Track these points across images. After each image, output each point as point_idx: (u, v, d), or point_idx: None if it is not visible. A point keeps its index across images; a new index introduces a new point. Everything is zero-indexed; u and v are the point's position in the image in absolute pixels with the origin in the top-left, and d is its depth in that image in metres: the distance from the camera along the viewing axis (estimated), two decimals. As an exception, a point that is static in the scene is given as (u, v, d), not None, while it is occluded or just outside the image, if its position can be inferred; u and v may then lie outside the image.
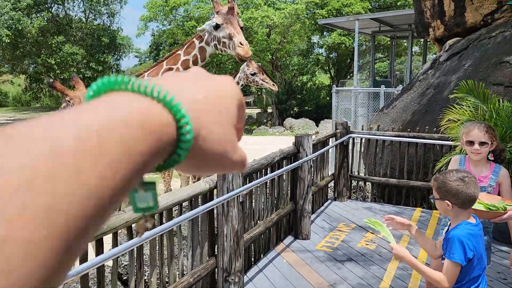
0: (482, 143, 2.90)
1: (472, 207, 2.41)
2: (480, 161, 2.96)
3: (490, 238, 3.03)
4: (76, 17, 35.34)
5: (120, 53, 36.60)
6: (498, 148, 2.97)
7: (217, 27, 4.02)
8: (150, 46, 52.77)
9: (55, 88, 3.10)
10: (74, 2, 33.95)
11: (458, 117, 5.54)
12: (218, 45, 4.12)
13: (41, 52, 31.06)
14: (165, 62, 4.29)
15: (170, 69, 4.25)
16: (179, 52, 4.31)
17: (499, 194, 2.89)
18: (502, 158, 2.99)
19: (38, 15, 31.24)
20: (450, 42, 9.16)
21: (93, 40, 33.87)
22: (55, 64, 30.78)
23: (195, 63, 4.28)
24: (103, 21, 35.67)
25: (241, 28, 4.07)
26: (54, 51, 30.93)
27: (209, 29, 4.11)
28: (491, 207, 2.53)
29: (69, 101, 3.12)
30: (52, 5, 33.17)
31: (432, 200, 2.41)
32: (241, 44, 3.96)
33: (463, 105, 5.57)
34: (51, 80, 3.06)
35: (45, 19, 31.46)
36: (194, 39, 4.38)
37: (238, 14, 4.14)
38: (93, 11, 34.53)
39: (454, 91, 5.75)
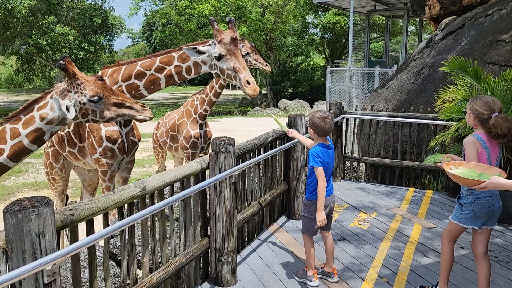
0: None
1: (456, 174, 2.76)
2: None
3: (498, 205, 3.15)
4: (67, -4, 34.55)
5: (113, 34, 35.98)
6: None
7: (219, 57, 3.89)
8: (143, 27, 52.05)
9: (65, 71, 2.95)
10: (64, -19, 33.13)
11: (452, 97, 5.51)
12: (221, 75, 3.97)
13: (32, 33, 30.43)
14: (158, 58, 4.15)
15: (163, 68, 4.12)
16: (173, 54, 4.14)
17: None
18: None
19: (28, -6, 30.47)
20: (445, 20, 9.06)
21: (85, 20, 33.22)
22: (47, 45, 30.22)
23: (188, 72, 4.13)
24: (94, 1, 34.95)
25: (243, 56, 3.94)
26: (45, 31, 30.31)
27: (208, 54, 3.97)
28: (478, 177, 2.69)
29: (78, 85, 2.98)
30: (42, -16, 32.34)
31: (306, 126, 3.96)
32: (248, 83, 3.83)
33: (457, 85, 5.54)
34: (62, 62, 2.93)
35: (35, -2, 30.71)
36: None
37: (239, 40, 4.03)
38: (84, -10, 33.79)
39: (443, 62, 5.70)
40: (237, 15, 27.86)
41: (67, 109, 3.04)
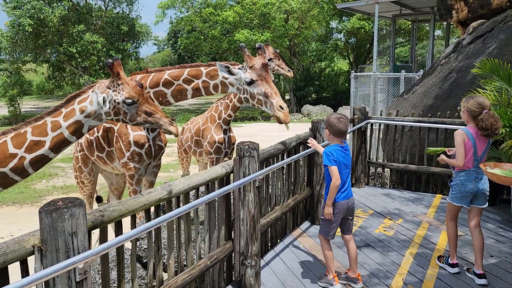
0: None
1: (493, 172, 3.30)
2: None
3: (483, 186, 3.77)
4: (96, 5, 35.64)
5: (139, 41, 36.83)
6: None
7: (251, 82, 3.94)
8: (168, 34, 52.96)
9: (111, 69, 3.16)
10: (93, -9, 34.22)
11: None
12: (250, 100, 4.02)
13: (63, 41, 31.52)
14: (187, 70, 4.24)
15: (191, 81, 4.23)
16: (202, 69, 4.22)
17: None
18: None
19: (59, 4, 31.60)
20: (474, 24, 8.86)
21: (113, 28, 34.16)
22: (76, 53, 31.22)
23: (215, 89, 4.23)
24: (122, 9, 35.91)
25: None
26: (75, 39, 31.35)
27: (237, 77, 4.04)
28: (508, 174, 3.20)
29: (118, 84, 3.17)
30: (73, -6, 33.50)
31: (322, 130, 4.58)
32: (281, 108, 3.92)
33: (486, 90, 5.41)
34: (111, 61, 3.16)
35: (66, 8, 31.83)
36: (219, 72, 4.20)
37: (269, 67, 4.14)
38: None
39: (475, 63, 5.58)
40: (260, 21, 28.05)
41: (103, 101, 3.22)
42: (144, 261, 4.62)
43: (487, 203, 3.81)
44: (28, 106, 37.51)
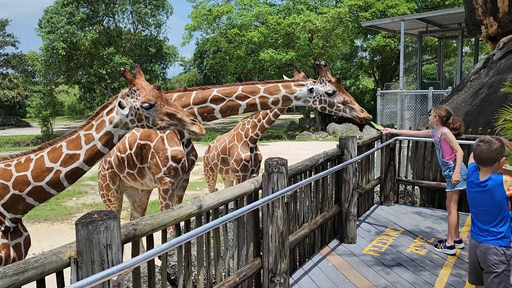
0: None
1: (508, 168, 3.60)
2: (435, 126, 4.99)
3: None
4: (126, 28, 36.96)
5: (166, 62, 37.81)
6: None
7: (333, 93, 4.56)
8: (194, 55, 54.19)
9: (124, 77, 3.33)
10: (124, 15, 35.56)
11: (515, 117, 5.23)
12: (328, 108, 4.60)
13: (94, 63, 32.72)
14: (240, 87, 4.45)
15: (246, 97, 4.45)
16: (259, 86, 4.49)
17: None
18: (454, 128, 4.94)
19: (91, 28, 32.99)
20: (504, 39, 8.68)
21: (141, 50, 35.25)
22: (106, 74, 32.30)
23: (274, 103, 4.51)
24: (150, 32, 37.08)
25: None
26: (105, 61, 32.49)
27: (315, 92, 4.52)
28: None
29: (135, 91, 3.29)
30: (104, 18, 34.93)
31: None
32: (363, 110, 4.61)
33: (520, 105, 5.26)
34: (123, 69, 3.33)
35: (97, 31, 33.17)
36: (279, 85, 4.49)
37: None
38: (141, 23, 35.99)
39: (504, 83, 5.47)
40: (285, 41, 28.34)
41: (120, 105, 3.26)
42: (172, 278, 4.63)
43: None
44: (60, 126, 38.80)
